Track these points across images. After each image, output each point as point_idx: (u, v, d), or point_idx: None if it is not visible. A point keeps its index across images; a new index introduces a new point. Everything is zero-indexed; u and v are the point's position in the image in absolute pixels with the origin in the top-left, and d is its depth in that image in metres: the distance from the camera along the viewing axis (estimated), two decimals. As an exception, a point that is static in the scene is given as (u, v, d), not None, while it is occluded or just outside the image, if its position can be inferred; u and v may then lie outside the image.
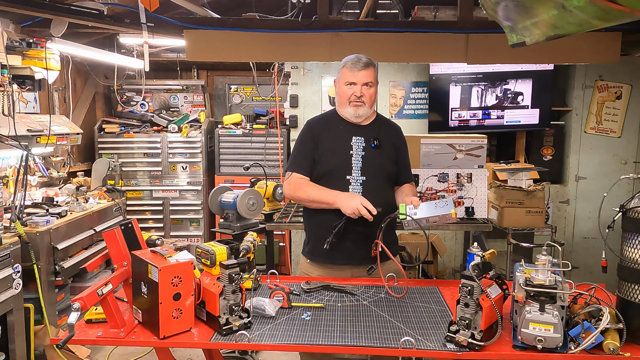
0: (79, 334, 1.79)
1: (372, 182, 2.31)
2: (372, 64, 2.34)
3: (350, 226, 2.23)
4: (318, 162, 2.35)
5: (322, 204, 2.27)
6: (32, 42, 3.39)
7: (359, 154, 2.33)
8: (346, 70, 2.33)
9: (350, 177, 2.30)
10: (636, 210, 1.68)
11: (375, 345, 1.69)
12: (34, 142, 3.40)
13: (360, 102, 2.32)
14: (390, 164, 2.39)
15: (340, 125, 2.39)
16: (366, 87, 2.32)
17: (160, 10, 3.28)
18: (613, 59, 3.48)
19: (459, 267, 4.78)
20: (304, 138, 2.41)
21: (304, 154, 2.38)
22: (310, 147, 2.37)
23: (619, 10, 1.21)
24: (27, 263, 3.01)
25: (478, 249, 1.93)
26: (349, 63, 2.32)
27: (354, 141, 2.34)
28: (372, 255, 2.20)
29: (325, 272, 2.38)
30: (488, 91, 4.63)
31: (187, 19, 3.51)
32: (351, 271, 2.36)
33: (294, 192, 2.35)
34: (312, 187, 2.32)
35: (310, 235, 2.45)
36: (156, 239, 1.97)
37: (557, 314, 1.57)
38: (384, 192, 2.34)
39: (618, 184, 4.38)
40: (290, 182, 2.37)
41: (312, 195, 2.29)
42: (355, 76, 2.30)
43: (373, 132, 2.38)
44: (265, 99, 5.70)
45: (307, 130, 2.42)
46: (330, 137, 2.37)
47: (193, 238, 5.31)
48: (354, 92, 2.30)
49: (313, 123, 2.45)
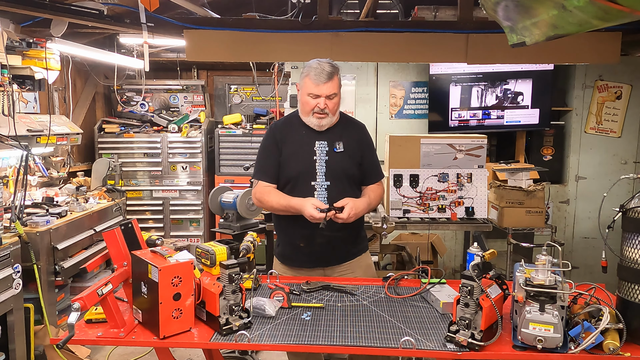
0: (79, 334, 1.79)
1: (336, 187, 2.29)
2: (335, 72, 2.26)
3: (317, 231, 2.19)
4: (283, 168, 2.32)
5: (286, 212, 2.27)
6: (32, 42, 3.39)
7: (322, 158, 2.30)
8: (309, 82, 2.24)
9: (315, 183, 2.28)
10: (636, 210, 1.67)
11: (375, 345, 1.69)
12: (34, 142, 3.40)
13: (323, 114, 2.27)
14: (354, 166, 2.35)
15: (302, 130, 2.34)
16: (329, 99, 2.25)
17: (160, 10, 3.28)
18: (613, 59, 3.48)
19: (459, 267, 4.78)
20: (267, 144, 2.37)
21: (268, 161, 2.35)
22: (274, 152, 2.34)
23: (619, 10, 1.21)
24: (27, 263, 3.01)
25: (478, 249, 1.93)
26: (313, 74, 2.22)
27: (317, 146, 2.31)
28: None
29: (296, 273, 2.39)
30: (488, 91, 4.63)
31: (187, 19, 3.51)
32: (323, 271, 2.38)
33: (260, 202, 2.36)
34: (275, 195, 2.29)
35: (279, 239, 2.48)
36: (156, 239, 1.97)
37: (557, 314, 1.57)
38: (349, 195, 2.27)
39: (618, 184, 4.37)
40: (256, 191, 2.36)
41: (274, 205, 2.29)
42: (319, 89, 2.22)
43: (336, 135, 2.34)
44: (265, 99, 5.70)
45: (270, 135, 2.39)
46: (293, 142, 2.34)
47: (193, 238, 5.31)
48: (317, 103, 2.24)
49: (276, 127, 2.42)
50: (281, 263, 2.45)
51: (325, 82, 2.22)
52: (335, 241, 2.30)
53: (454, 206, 3.16)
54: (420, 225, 3.19)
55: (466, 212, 3.17)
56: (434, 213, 3.16)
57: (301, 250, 2.34)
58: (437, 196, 3.16)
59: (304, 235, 2.29)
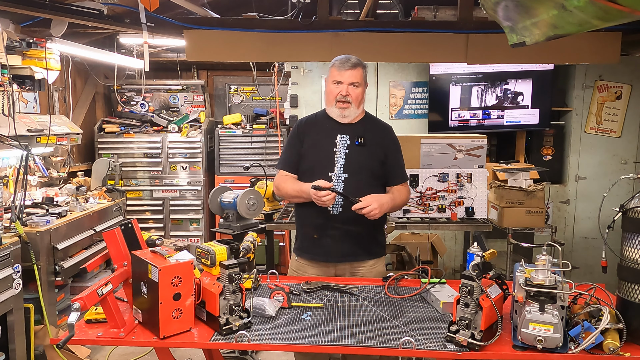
0: (79, 334, 1.79)
1: (354, 180, 2.32)
2: (360, 65, 2.35)
3: (330, 223, 2.30)
4: (303, 158, 2.41)
5: (300, 198, 2.35)
6: (32, 42, 3.39)
7: (342, 151, 2.35)
8: (334, 69, 2.35)
9: (332, 174, 2.32)
10: (636, 210, 1.67)
11: (375, 345, 1.69)
12: (34, 142, 3.40)
13: (346, 103, 2.32)
14: (375, 162, 2.38)
15: (326, 124, 2.42)
16: (352, 86, 2.32)
17: (160, 10, 3.28)
18: (613, 59, 3.48)
19: (459, 267, 4.78)
20: (292, 136, 2.49)
21: (289, 152, 2.46)
22: (296, 144, 2.43)
23: (619, 10, 1.21)
24: (27, 263, 3.01)
25: (478, 249, 1.93)
26: (337, 62, 2.35)
27: (338, 139, 2.36)
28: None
29: (310, 268, 2.41)
30: (488, 91, 4.63)
31: (187, 19, 3.51)
32: (334, 269, 2.38)
33: (278, 189, 2.46)
34: (290, 182, 2.39)
35: (297, 233, 2.53)
36: (156, 239, 1.97)
37: (557, 314, 1.57)
38: (367, 190, 2.29)
39: (618, 184, 4.37)
40: (275, 179, 2.48)
41: (289, 191, 2.38)
42: (341, 75, 2.32)
43: (359, 130, 2.39)
44: (265, 99, 5.70)
45: (295, 128, 2.50)
46: (315, 134, 2.42)
47: (193, 238, 5.31)
48: (340, 90, 2.32)
49: (301, 122, 2.51)
50: (297, 257, 2.48)
51: (348, 69, 2.31)
52: (349, 235, 2.32)
53: (454, 206, 3.16)
54: (420, 225, 3.19)
55: (466, 212, 3.17)
56: (434, 213, 3.16)
57: (315, 242, 2.37)
58: (437, 196, 3.16)
59: (318, 225, 2.34)
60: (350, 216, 2.25)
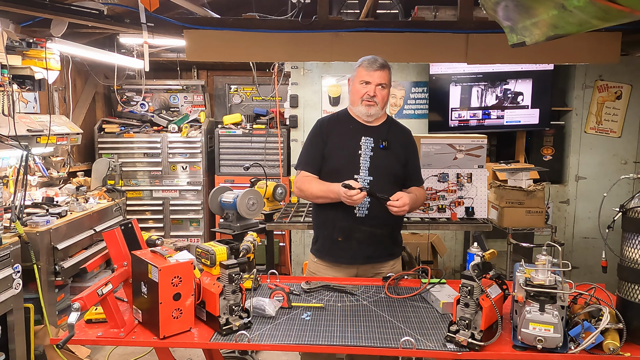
0: (79, 334, 1.79)
1: (379, 183, 2.32)
2: (387, 67, 2.36)
3: (356, 225, 2.29)
4: (327, 160, 2.38)
5: (326, 199, 2.31)
6: (32, 42, 3.39)
7: (367, 154, 2.34)
8: (362, 69, 2.35)
9: (357, 177, 2.32)
10: (636, 210, 1.68)
11: (375, 345, 1.69)
12: (34, 142, 3.40)
13: (372, 102, 2.33)
14: (398, 165, 2.39)
15: (350, 125, 2.41)
16: (380, 87, 2.33)
17: (160, 10, 3.28)
18: (613, 59, 3.48)
19: (459, 267, 4.78)
20: (314, 136, 2.44)
21: (312, 152, 2.41)
22: (319, 144, 2.39)
23: (619, 10, 1.21)
24: (27, 263, 3.01)
25: (478, 249, 1.93)
26: (366, 62, 2.35)
27: (363, 141, 2.36)
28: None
29: (331, 270, 2.39)
30: (488, 91, 4.63)
31: (187, 19, 3.51)
32: (356, 270, 2.38)
33: (300, 190, 2.40)
34: (315, 183, 2.35)
35: (318, 234, 2.49)
36: (156, 239, 1.97)
37: (557, 314, 1.57)
38: (391, 193, 2.30)
39: (618, 184, 4.37)
40: (297, 179, 2.42)
41: (315, 191, 2.33)
42: (370, 76, 2.32)
43: (382, 133, 2.39)
44: (265, 99, 5.70)
45: (317, 128, 2.45)
46: (339, 135, 2.39)
47: (193, 238, 5.31)
48: (367, 91, 2.32)
49: (324, 121, 2.48)
50: (317, 258, 2.45)
51: (377, 70, 2.32)
52: (374, 238, 2.32)
53: (454, 206, 3.16)
54: (420, 225, 3.19)
55: (466, 212, 3.17)
56: (434, 213, 3.16)
57: (339, 245, 2.35)
58: (437, 196, 3.16)
59: (343, 228, 2.32)
60: (375, 219, 2.27)
